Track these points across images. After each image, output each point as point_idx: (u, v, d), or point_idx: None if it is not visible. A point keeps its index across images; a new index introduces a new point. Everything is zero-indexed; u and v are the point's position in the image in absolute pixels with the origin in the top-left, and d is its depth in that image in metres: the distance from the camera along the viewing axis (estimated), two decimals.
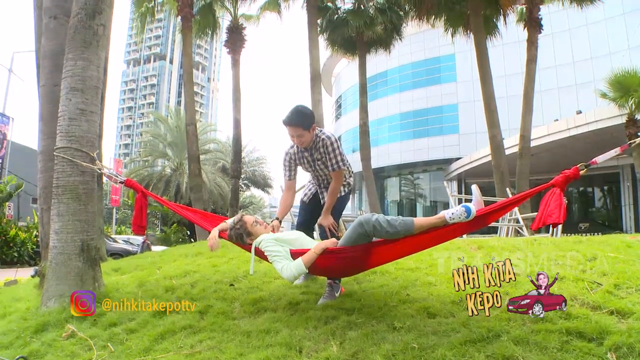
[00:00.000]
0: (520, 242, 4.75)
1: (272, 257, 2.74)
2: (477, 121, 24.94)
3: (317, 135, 3.24)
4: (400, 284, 3.32)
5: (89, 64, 3.62)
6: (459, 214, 2.46)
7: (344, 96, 37.31)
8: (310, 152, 3.30)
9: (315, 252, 2.69)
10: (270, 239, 2.83)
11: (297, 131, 3.11)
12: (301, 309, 2.92)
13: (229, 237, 3.04)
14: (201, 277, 4.07)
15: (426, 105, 29.39)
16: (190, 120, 13.27)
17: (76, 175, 3.49)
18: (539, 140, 16.68)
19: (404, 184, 33.87)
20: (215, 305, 3.13)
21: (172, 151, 29.94)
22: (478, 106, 17.74)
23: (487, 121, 11.70)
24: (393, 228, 2.53)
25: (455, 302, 2.83)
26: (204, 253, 5.76)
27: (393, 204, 34.04)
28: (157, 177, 28.50)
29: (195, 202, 12.79)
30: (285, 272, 2.65)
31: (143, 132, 43.92)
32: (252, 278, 3.83)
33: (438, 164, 28.98)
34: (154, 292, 3.59)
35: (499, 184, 11.09)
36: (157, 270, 4.81)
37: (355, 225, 2.64)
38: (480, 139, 24.17)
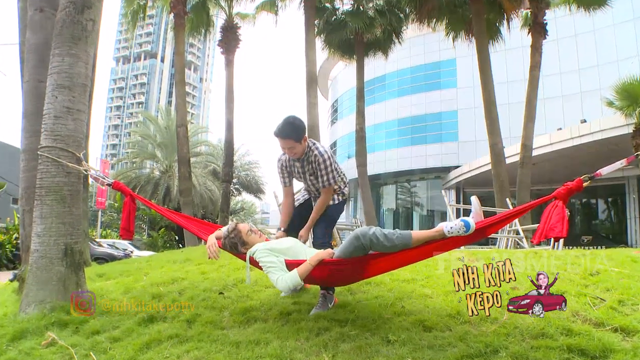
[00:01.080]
0: (520, 255, 4.76)
1: (267, 268, 2.76)
2: (477, 128, 25.11)
3: (310, 147, 3.27)
4: (396, 296, 3.32)
5: (77, 60, 3.61)
6: (458, 228, 2.48)
7: (341, 100, 37.42)
8: (302, 164, 3.33)
9: (310, 264, 2.71)
10: (264, 249, 2.85)
11: (289, 143, 3.16)
12: (293, 320, 2.91)
13: (223, 246, 3.05)
14: (189, 284, 4.05)
15: (425, 111, 29.55)
16: (181, 121, 13.26)
17: (61, 176, 3.46)
18: (541, 150, 16.75)
19: (401, 192, 33.95)
20: (203, 314, 3.11)
21: (161, 153, 29.82)
22: (478, 113, 17.85)
23: (488, 129, 11.76)
24: (390, 242, 2.56)
25: (452, 315, 2.84)
26: (192, 259, 5.73)
27: (389, 212, 34.08)
28: (145, 179, 28.33)
29: (184, 206, 12.74)
30: (280, 284, 2.68)
31: (132, 132, 43.83)
32: (242, 286, 3.81)
33: (436, 172, 29.08)
34: (140, 299, 3.56)
35: (498, 194, 11.13)
36: (143, 276, 4.78)
37: (351, 238, 2.67)
38: (480, 147, 24.29)
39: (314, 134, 12.38)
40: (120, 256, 15.75)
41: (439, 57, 29.29)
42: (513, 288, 3.27)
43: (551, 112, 23.48)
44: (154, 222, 26.62)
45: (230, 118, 15.12)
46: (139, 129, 36.69)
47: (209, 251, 2.98)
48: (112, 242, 21.47)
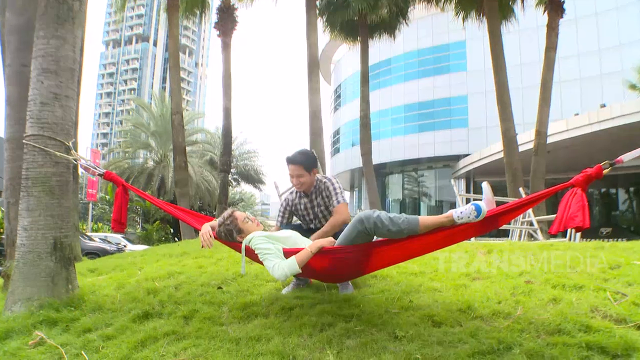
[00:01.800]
0: (535, 247, 4.76)
1: (263, 254, 2.74)
2: (488, 114, 24.98)
3: (319, 179, 3.52)
4: (403, 290, 3.32)
5: (63, 42, 3.56)
6: (468, 213, 2.44)
7: (344, 85, 37.28)
8: (311, 198, 3.53)
9: (310, 251, 2.70)
10: (261, 236, 2.85)
11: (298, 170, 3.38)
12: (295, 315, 2.91)
13: (217, 234, 3.05)
14: (186, 279, 4.05)
15: (433, 97, 29.41)
16: (176, 108, 13.22)
17: (49, 166, 3.43)
18: (556, 137, 16.62)
19: (407, 181, 33.94)
20: (201, 310, 3.11)
21: (155, 142, 29.84)
22: (490, 98, 17.72)
23: (500, 114, 11.69)
24: (396, 226, 2.53)
25: (463, 310, 2.83)
26: (189, 253, 5.75)
27: (395, 203, 34.10)
28: (139, 170, 28.40)
29: (180, 198, 12.76)
30: (276, 271, 2.65)
31: (123, 121, 43.90)
32: (242, 281, 3.82)
33: (445, 161, 29.04)
34: (135, 294, 3.57)
35: (511, 184, 11.10)
36: (138, 271, 4.79)
37: (354, 222, 2.64)
38: (491, 133, 24.22)
39: (317, 121, 12.34)
40: (112, 250, 15.82)
41: (448, 39, 29.07)
42: (527, 282, 3.26)
43: (568, 97, 23.28)
44: (148, 214, 26.68)
45: (228, 105, 15.06)
46: (131, 117, 36.65)
47: (202, 239, 2.97)
48: (104, 236, 21.57)
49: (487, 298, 2.98)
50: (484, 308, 2.82)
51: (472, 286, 3.31)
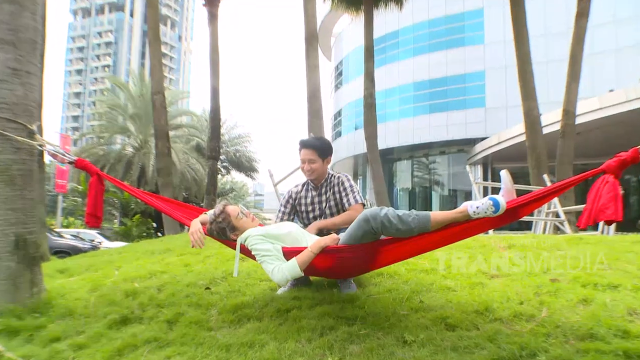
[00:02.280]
0: (562, 241, 4.74)
1: (261, 256, 2.77)
2: (508, 92, 24.88)
3: (331, 174, 3.63)
4: (412, 289, 3.33)
5: (20, 9, 3.44)
6: (485, 208, 2.45)
7: (346, 61, 37.07)
8: (320, 192, 3.61)
9: (312, 252, 2.72)
10: (258, 235, 2.86)
11: (311, 155, 3.49)
12: (292, 318, 2.91)
13: (208, 232, 3.07)
14: (170, 279, 4.05)
15: (446, 73, 29.26)
16: (158, 87, 13.14)
17: (8, 152, 3.34)
18: (587, 116, 16.36)
19: (417, 168, 33.93)
20: (187, 313, 3.11)
21: (134, 126, 29.74)
22: (510, 73, 17.52)
23: (522, 92, 11.62)
24: (405, 225, 2.55)
25: (480, 311, 2.83)
26: (173, 250, 5.75)
27: (403, 192, 34.14)
28: (116, 157, 28.33)
29: (163, 188, 12.76)
30: (276, 275, 2.68)
31: (97, 102, 43.66)
32: (232, 280, 3.82)
33: (459, 145, 28.99)
34: (111, 297, 3.56)
35: (534, 170, 11.07)
36: (115, 271, 4.79)
37: (360, 220, 2.66)
38: (512, 114, 24.11)
39: (315, 102, 12.28)
40: (86, 248, 15.79)
41: (463, 8, 28.85)
42: (553, 280, 3.26)
43: (601, 71, 23.03)
44: (126, 207, 26.66)
45: (216, 84, 14.98)
46: (106, 97, 36.47)
47: (192, 238, 2.97)
48: (76, 232, 21.56)
49: (507, 298, 2.98)
50: (504, 309, 2.82)
51: (490, 285, 3.31)
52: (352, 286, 3.42)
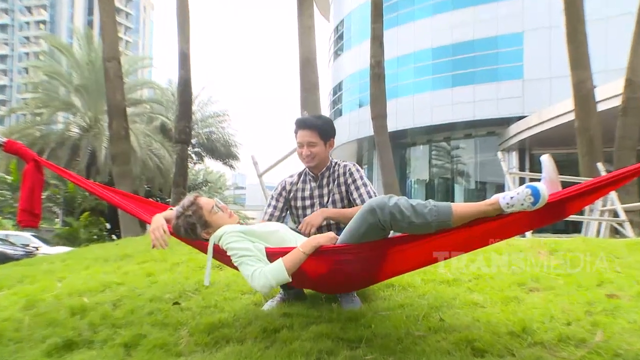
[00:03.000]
0: (621, 246, 4.75)
1: (239, 257, 2.73)
2: (553, 60, 24.81)
3: (335, 162, 3.67)
4: (431, 304, 3.34)
5: None
6: (521, 199, 2.41)
7: (348, 22, 36.98)
8: (320, 183, 3.63)
9: (303, 251, 2.69)
10: (235, 231, 2.83)
11: (311, 136, 3.50)
12: (281, 340, 2.91)
13: (174, 229, 3.03)
14: (129, 292, 4.05)
15: (473, 36, 29.21)
16: (111, 52, 13.07)
17: None
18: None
19: (437, 155, 33.99)
20: (150, 335, 3.11)
21: (81, 100, 29.55)
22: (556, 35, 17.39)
23: (571, 59, 11.51)
24: (421, 217, 2.51)
25: (515, 333, 2.84)
26: (133, 256, 5.75)
27: (419, 184, 34.23)
28: (57, 139, 28.13)
29: (119, 179, 12.72)
30: (257, 280, 2.63)
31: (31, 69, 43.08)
32: (207, 293, 3.82)
33: (489, 126, 29.02)
34: (52, 316, 3.55)
35: (585, 157, 11.01)
36: (57, 283, 4.77)
37: (364, 212, 2.62)
38: (557, 87, 24.07)
39: (310, 72, 12.24)
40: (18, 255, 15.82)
41: None
42: (610, 296, 3.27)
43: None
44: (71, 203, 26.56)
45: (186, 48, 14.92)
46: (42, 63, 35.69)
47: (152, 236, 2.95)
48: (5, 235, 21.50)
49: (550, 317, 2.99)
50: (546, 331, 2.82)
51: (527, 300, 3.32)
52: (356, 301, 3.43)
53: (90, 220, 23.87)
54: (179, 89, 15.41)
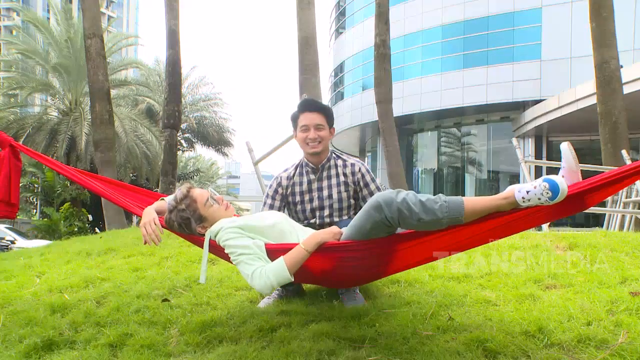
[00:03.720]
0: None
1: (237, 255, 2.73)
2: (574, 37, 24.72)
3: (335, 155, 3.73)
4: (439, 302, 3.35)
5: None
6: (539, 193, 2.41)
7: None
8: (320, 176, 3.62)
9: (306, 249, 2.69)
10: (233, 227, 2.83)
11: (319, 119, 3.55)
12: (279, 339, 2.93)
13: (167, 223, 3.03)
14: (114, 288, 4.06)
15: (487, 12, 29.07)
16: (92, 28, 13.00)
17: None
18: None
19: (446, 142, 33.95)
20: (137, 334, 3.13)
21: (60, 81, 29.36)
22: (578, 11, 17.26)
23: (594, 36, 11.44)
24: (430, 214, 2.51)
25: (530, 333, 2.85)
26: (118, 249, 5.75)
27: (427, 174, 34.23)
28: (34, 123, 27.97)
29: (103, 167, 12.71)
30: (257, 280, 2.64)
31: (3, 45, 42.49)
32: (199, 290, 3.83)
33: (503, 111, 28.99)
34: (30, 315, 3.56)
35: (609, 144, 10.98)
36: (35, 278, 4.78)
37: (369, 208, 2.62)
38: (578, 68, 24.04)
39: (309, 52, 12.19)
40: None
41: None
42: (635, 294, 3.27)
43: None
44: (50, 193, 26.53)
45: (174, 24, 14.83)
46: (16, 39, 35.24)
47: (144, 231, 2.94)
48: None
49: (568, 316, 3.00)
50: (564, 331, 2.83)
51: (544, 298, 3.33)
52: (359, 297, 3.44)
53: (71, 212, 23.83)
54: (168, 69, 15.32)
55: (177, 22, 14.89)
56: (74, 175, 3.55)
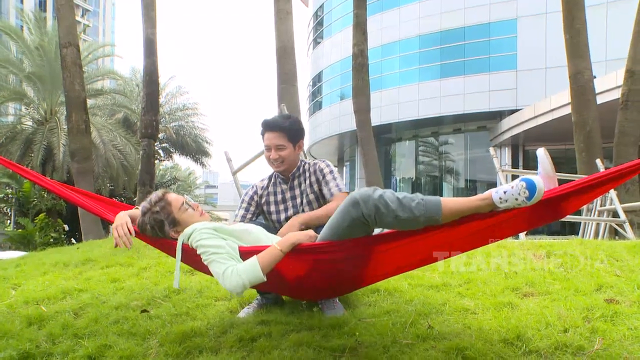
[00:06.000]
0: (621, 249, 4.81)
1: (209, 254, 2.69)
2: (549, 49, 25.03)
3: (304, 162, 3.73)
4: (418, 310, 3.37)
5: None
6: (516, 193, 2.42)
7: (328, 6, 36.98)
8: (291, 185, 3.69)
9: (280, 249, 2.67)
10: (206, 228, 2.81)
11: (278, 139, 3.52)
12: (259, 349, 2.93)
13: (140, 227, 3.01)
14: (92, 299, 4.02)
15: (464, 22, 29.37)
16: (68, 37, 12.90)
17: None
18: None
19: (424, 152, 34.15)
20: (116, 345, 3.11)
21: (35, 90, 28.99)
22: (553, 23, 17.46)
23: (568, 48, 11.56)
24: (407, 211, 2.51)
25: (509, 340, 2.88)
26: (96, 260, 5.70)
27: (405, 183, 34.35)
28: (8, 133, 27.61)
29: (80, 178, 12.59)
30: (228, 279, 2.60)
31: None
32: (178, 299, 3.82)
33: (480, 120, 29.25)
34: (6, 327, 3.51)
35: (583, 152, 11.08)
36: (11, 290, 4.72)
37: (346, 205, 2.61)
38: (553, 78, 24.31)
39: (287, 61, 12.21)
40: None
41: None
42: (609, 300, 3.32)
43: None
44: (25, 203, 26.17)
45: (152, 33, 14.76)
46: None
47: (115, 233, 2.93)
48: None
49: (546, 324, 3.03)
50: (542, 338, 2.86)
51: (522, 305, 3.37)
52: (338, 307, 3.45)
53: (47, 222, 23.49)
54: (145, 78, 15.23)
55: (155, 30, 14.82)
56: (49, 184, 3.50)
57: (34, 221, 23.75)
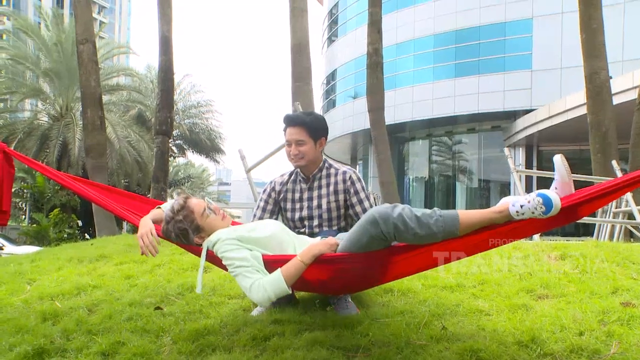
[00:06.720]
0: (638, 251, 4.77)
1: (235, 267, 2.76)
2: (564, 48, 24.83)
3: (328, 164, 3.72)
4: (432, 311, 3.36)
5: None
6: (532, 208, 2.44)
7: (343, 5, 36.89)
8: (311, 185, 3.63)
9: (303, 261, 2.72)
10: (231, 238, 2.86)
11: (299, 134, 3.52)
12: (272, 348, 2.93)
13: (164, 233, 3.05)
14: (106, 295, 4.04)
15: (479, 22, 29.18)
16: (85, 34, 12.96)
17: None
18: None
19: (437, 151, 34.01)
20: (129, 342, 3.11)
21: (51, 86, 29.18)
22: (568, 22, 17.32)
23: (584, 48, 11.50)
24: (426, 229, 2.54)
25: (523, 343, 2.87)
26: (110, 256, 5.72)
27: (418, 183, 34.26)
28: (25, 129, 27.73)
29: (95, 173, 12.65)
30: (255, 293, 2.68)
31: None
32: (192, 298, 3.83)
33: (495, 120, 29.07)
34: (21, 322, 3.54)
35: (598, 155, 11.02)
36: (26, 285, 4.75)
37: (365, 223, 2.66)
38: (568, 78, 24.11)
39: (302, 59, 12.21)
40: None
41: None
42: (626, 304, 3.29)
43: None
44: (40, 199, 26.33)
45: (167, 30, 14.81)
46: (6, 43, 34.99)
47: (141, 242, 2.94)
48: None
49: (560, 326, 3.01)
50: (557, 341, 2.84)
51: (536, 308, 3.35)
52: (351, 306, 3.44)
53: (61, 218, 23.67)
54: (160, 75, 15.29)
55: (170, 28, 14.87)
56: (64, 179, 3.52)
57: (48, 216, 23.89)
